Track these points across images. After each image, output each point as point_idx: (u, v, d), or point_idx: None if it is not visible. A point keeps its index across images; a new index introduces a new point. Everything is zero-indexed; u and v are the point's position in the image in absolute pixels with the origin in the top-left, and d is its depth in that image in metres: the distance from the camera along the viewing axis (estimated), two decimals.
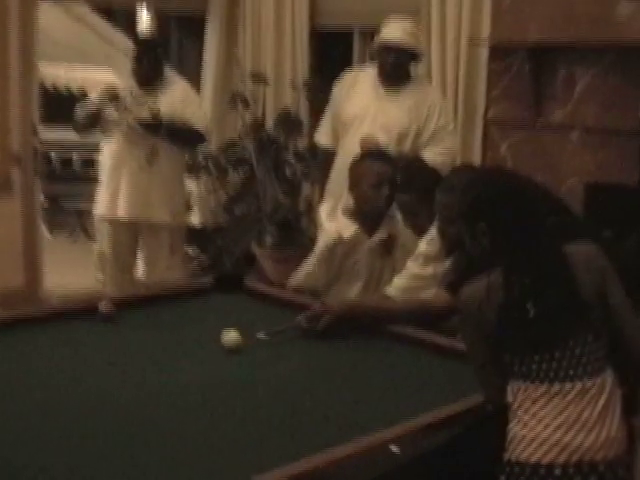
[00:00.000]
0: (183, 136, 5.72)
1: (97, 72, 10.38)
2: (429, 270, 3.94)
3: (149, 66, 5.66)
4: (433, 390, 3.15)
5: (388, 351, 3.55)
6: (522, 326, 2.74)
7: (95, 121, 5.65)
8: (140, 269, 6.02)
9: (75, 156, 10.46)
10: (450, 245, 3.48)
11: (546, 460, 2.66)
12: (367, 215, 4.45)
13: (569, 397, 2.70)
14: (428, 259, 3.95)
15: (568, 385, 2.71)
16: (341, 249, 4.44)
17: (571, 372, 2.71)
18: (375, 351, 3.56)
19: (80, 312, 3.83)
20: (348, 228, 4.44)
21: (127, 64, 5.89)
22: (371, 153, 4.61)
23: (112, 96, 5.50)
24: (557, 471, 2.65)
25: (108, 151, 5.77)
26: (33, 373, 3.23)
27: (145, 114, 5.52)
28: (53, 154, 10.29)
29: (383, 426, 2.71)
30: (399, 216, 4.37)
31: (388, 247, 4.43)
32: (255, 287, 4.36)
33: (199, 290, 4.31)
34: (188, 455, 2.58)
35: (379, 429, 2.69)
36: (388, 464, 2.56)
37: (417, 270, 3.97)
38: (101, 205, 5.84)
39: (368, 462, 2.55)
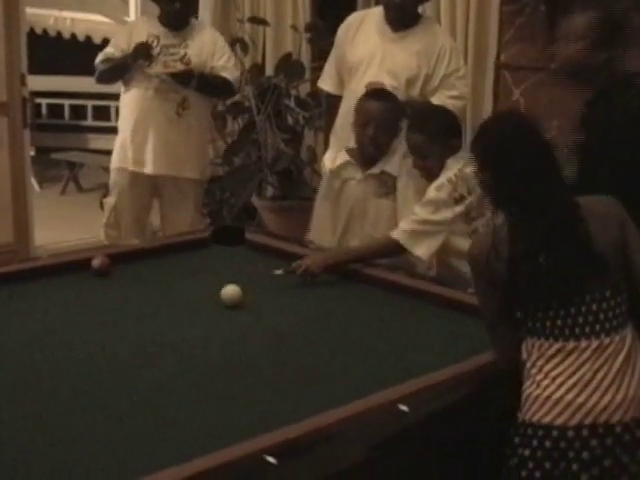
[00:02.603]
0: (214, 87, 5.49)
1: (91, 16, 10.16)
2: (438, 216, 3.91)
3: (177, 12, 5.36)
4: (438, 346, 3.14)
5: (388, 304, 3.55)
6: (533, 280, 2.67)
7: (122, 74, 5.38)
8: (157, 224, 5.81)
9: (66, 105, 10.22)
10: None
11: (559, 421, 2.60)
12: (360, 154, 4.41)
13: (585, 355, 2.64)
14: (438, 205, 3.91)
15: (584, 342, 2.64)
16: (337, 183, 4.45)
17: (587, 329, 2.65)
18: (378, 304, 3.56)
19: (74, 267, 3.78)
20: (339, 158, 4.47)
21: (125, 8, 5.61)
22: (371, 91, 4.50)
23: (144, 53, 5.22)
24: (570, 433, 2.59)
25: (132, 102, 5.47)
26: (24, 331, 3.19)
27: (176, 63, 5.28)
28: (43, 103, 10.06)
29: (386, 386, 2.67)
30: (398, 158, 4.34)
31: (383, 184, 4.35)
32: (256, 239, 4.28)
33: (198, 243, 4.23)
34: (181, 414, 2.57)
35: (384, 388, 2.65)
36: (395, 425, 2.52)
37: (426, 216, 3.91)
38: (122, 158, 5.54)
39: (374, 422, 2.50)
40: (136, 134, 5.44)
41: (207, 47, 5.42)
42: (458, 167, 3.92)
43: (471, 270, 2.87)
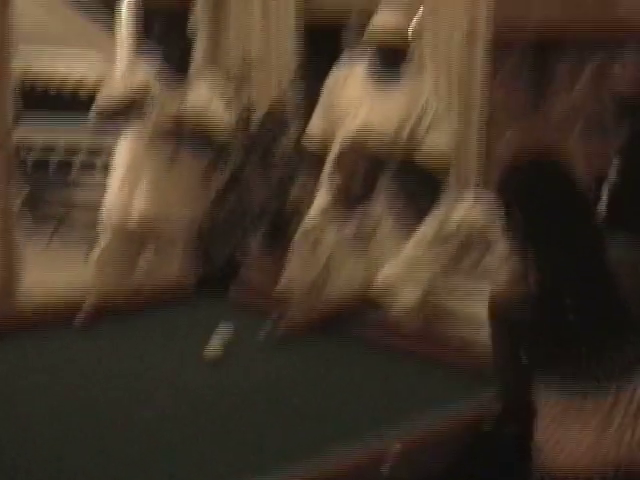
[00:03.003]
0: (207, 139, 5.45)
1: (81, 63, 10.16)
2: (422, 255, 3.95)
3: (182, 49, 5.36)
4: (416, 404, 3.10)
5: (368, 362, 3.55)
6: (559, 326, 2.61)
7: (116, 123, 5.38)
8: (143, 274, 5.73)
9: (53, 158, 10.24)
10: None
11: (580, 469, 2.59)
12: (345, 189, 4.38)
13: (603, 409, 2.59)
14: (423, 245, 3.95)
15: (602, 397, 2.59)
16: (312, 235, 4.46)
17: (605, 383, 2.60)
18: (357, 361, 3.57)
19: (59, 320, 3.77)
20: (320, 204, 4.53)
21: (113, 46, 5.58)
22: (347, 146, 4.55)
23: (138, 104, 5.20)
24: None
25: (125, 152, 5.47)
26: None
27: (170, 113, 5.25)
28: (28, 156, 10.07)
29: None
30: (376, 212, 4.33)
31: (361, 239, 4.34)
32: (239, 294, 4.29)
33: (181, 298, 4.22)
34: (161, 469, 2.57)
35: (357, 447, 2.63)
36: None
37: (414, 253, 3.94)
38: (111, 209, 5.53)
39: None
40: (125, 183, 5.43)
41: (203, 97, 5.41)
42: (443, 210, 3.97)
43: (492, 324, 2.79)
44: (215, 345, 3.43)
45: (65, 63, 10.23)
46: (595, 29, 5.30)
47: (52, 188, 10.09)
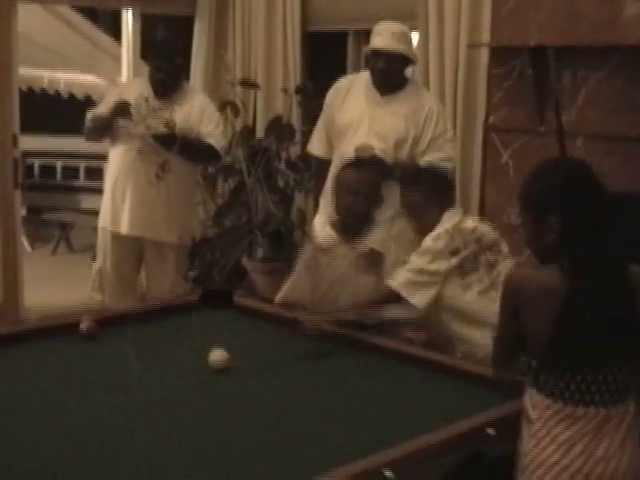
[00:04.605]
0: (197, 153, 5.47)
1: (83, 76, 10.20)
2: (433, 266, 3.94)
3: (167, 77, 5.39)
4: (426, 412, 3.10)
5: (377, 369, 3.54)
6: (577, 338, 2.60)
7: (105, 132, 5.40)
8: (143, 286, 5.79)
9: (58, 165, 10.23)
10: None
11: None
12: (341, 224, 4.38)
13: (592, 423, 2.61)
14: (434, 255, 3.94)
15: (593, 411, 2.61)
16: (324, 259, 4.37)
17: (598, 397, 2.62)
18: (366, 369, 3.56)
19: (61, 330, 3.75)
20: (324, 234, 4.42)
21: (117, 69, 5.62)
22: (348, 162, 4.50)
23: (123, 111, 5.22)
24: None
25: (116, 160, 5.51)
26: (7, 395, 3.15)
27: (160, 126, 5.30)
28: (35, 163, 10.07)
29: (370, 452, 2.61)
30: (383, 233, 4.35)
31: (371, 262, 4.29)
32: (244, 303, 4.27)
33: (186, 306, 4.20)
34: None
35: (368, 453, 2.59)
36: None
37: (422, 265, 3.94)
38: (104, 218, 5.58)
39: None
40: (116, 193, 5.46)
41: (195, 113, 5.43)
42: (454, 221, 3.97)
43: (505, 295, 2.76)
44: (219, 353, 3.43)
45: (68, 79, 10.30)
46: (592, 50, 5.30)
47: (58, 194, 10.11)
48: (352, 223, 4.31)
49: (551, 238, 2.64)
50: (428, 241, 3.97)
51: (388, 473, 2.49)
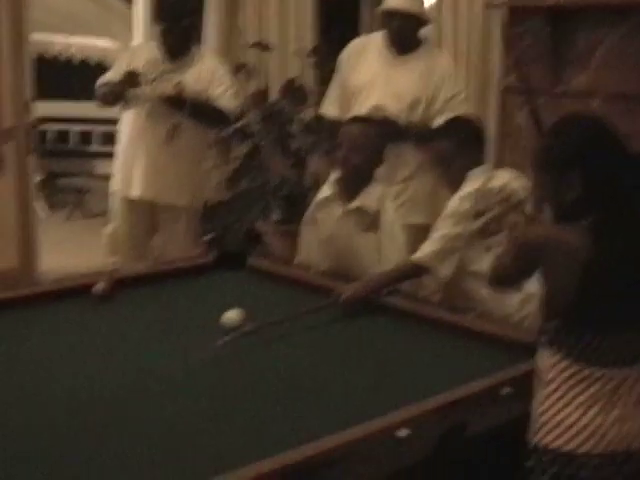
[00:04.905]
0: (208, 115, 5.41)
1: (97, 41, 10.20)
2: (458, 229, 3.88)
3: (177, 39, 5.36)
4: (442, 371, 3.11)
5: (394, 331, 3.53)
6: (600, 300, 2.54)
7: (117, 99, 5.35)
8: (156, 250, 5.74)
9: (72, 131, 10.23)
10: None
11: (582, 450, 2.55)
12: (340, 179, 4.35)
13: (610, 385, 2.58)
14: (459, 217, 3.88)
15: (611, 372, 2.59)
16: (320, 215, 4.38)
17: (619, 358, 2.58)
18: (382, 330, 3.55)
19: (76, 291, 3.75)
20: (326, 190, 4.41)
21: (129, 33, 5.58)
22: (352, 117, 4.52)
23: (132, 81, 5.18)
24: (594, 461, 2.55)
25: (127, 124, 5.48)
26: (24, 357, 3.16)
27: (170, 88, 5.24)
28: (49, 129, 10.07)
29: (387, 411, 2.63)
30: (378, 191, 4.27)
31: (362, 220, 4.24)
32: (259, 265, 4.27)
33: (201, 268, 4.21)
34: (180, 440, 2.54)
35: (386, 413, 2.61)
36: (398, 449, 2.48)
37: (447, 230, 3.89)
38: (116, 182, 5.56)
39: (376, 446, 2.46)
40: (127, 157, 5.44)
41: (206, 75, 5.38)
42: (481, 181, 3.91)
43: (520, 248, 2.73)
44: (233, 313, 3.42)
45: (81, 44, 10.30)
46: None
47: (72, 160, 10.13)
48: (350, 178, 4.26)
49: (571, 196, 2.57)
50: (454, 201, 3.94)
51: (402, 432, 2.48)
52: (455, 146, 4.00)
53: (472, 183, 3.92)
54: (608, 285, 2.53)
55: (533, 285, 2.87)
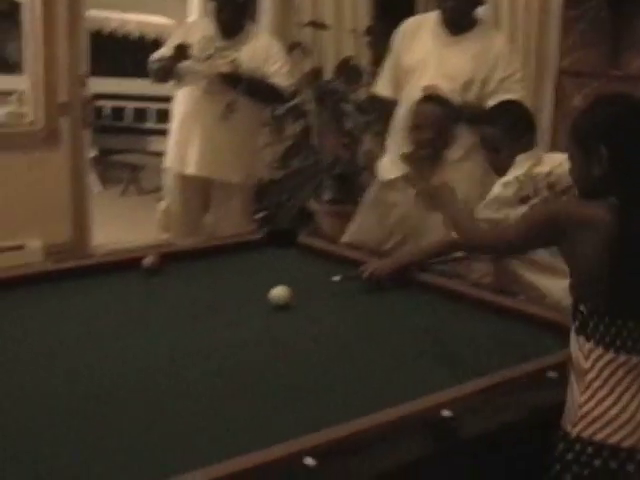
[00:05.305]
0: (263, 93, 5.43)
1: (153, 18, 10.24)
2: (500, 215, 3.79)
3: (231, 16, 5.38)
4: (486, 353, 3.07)
5: (441, 311, 3.50)
6: (629, 282, 2.49)
7: (167, 75, 5.39)
8: (208, 227, 5.77)
9: (128, 107, 10.30)
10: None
11: (627, 443, 2.49)
12: (416, 159, 4.35)
13: None
14: (502, 203, 3.81)
15: None
16: (390, 196, 4.36)
17: None
18: (430, 311, 3.52)
19: (125, 265, 3.78)
20: (395, 170, 4.38)
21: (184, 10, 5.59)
22: (427, 95, 4.48)
23: (182, 54, 5.21)
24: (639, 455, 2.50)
25: (182, 101, 5.51)
26: (69, 329, 3.18)
27: (226, 65, 5.27)
28: (105, 105, 10.14)
29: (429, 391, 2.63)
30: (450, 173, 4.28)
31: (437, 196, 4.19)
32: (309, 242, 4.27)
33: (251, 244, 4.22)
34: (223, 413, 2.56)
35: (428, 393, 2.61)
36: (439, 430, 2.46)
37: (489, 214, 3.80)
38: (171, 158, 5.60)
39: (417, 426, 2.45)
40: (182, 134, 5.47)
41: (260, 53, 5.40)
42: (528, 165, 3.86)
43: (544, 221, 2.67)
44: (281, 290, 3.42)
45: (138, 20, 10.35)
46: None
47: (127, 136, 10.20)
48: (423, 158, 4.28)
49: (599, 171, 2.52)
50: (497, 187, 3.89)
51: (446, 412, 2.47)
52: (502, 132, 3.95)
53: (518, 168, 3.85)
54: (636, 265, 2.48)
55: None
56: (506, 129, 3.94)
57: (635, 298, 2.50)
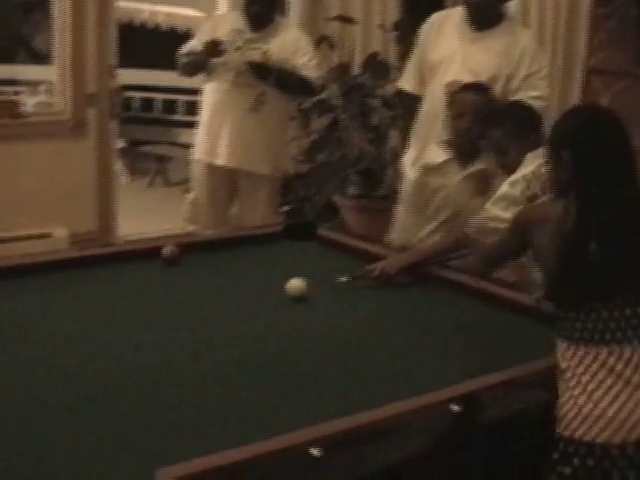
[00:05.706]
0: (292, 85, 5.45)
1: (183, 9, 10.26)
2: (508, 214, 3.71)
3: (260, 8, 5.39)
4: (497, 349, 3.10)
5: (456, 307, 3.51)
6: (581, 268, 2.57)
7: (197, 69, 5.43)
8: (234, 218, 5.79)
9: (157, 99, 10.33)
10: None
11: (601, 439, 2.52)
12: (456, 146, 4.39)
13: (619, 366, 2.55)
14: (510, 202, 3.78)
15: (617, 350, 2.56)
16: (434, 180, 4.38)
17: (620, 334, 2.56)
18: (445, 306, 3.53)
19: (145, 254, 3.81)
20: (439, 155, 4.42)
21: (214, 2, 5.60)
22: (468, 84, 4.48)
23: (214, 52, 5.24)
24: (614, 451, 2.51)
25: (211, 93, 5.55)
26: (86, 316, 3.23)
27: (256, 56, 5.29)
28: (134, 97, 10.18)
29: (441, 386, 2.64)
30: (491, 159, 4.25)
31: (481, 183, 4.31)
32: (328, 235, 4.26)
33: (271, 236, 4.23)
34: (234, 403, 2.58)
35: (439, 388, 2.62)
36: (447, 424, 2.50)
37: (496, 212, 3.80)
38: (200, 149, 5.63)
39: (426, 420, 2.48)
40: (212, 126, 5.49)
41: (289, 45, 5.42)
42: (536, 164, 3.85)
43: (512, 226, 2.93)
44: (298, 282, 3.43)
45: (167, 13, 10.39)
46: None
47: (156, 127, 10.24)
48: (467, 146, 4.31)
49: (565, 175, 2.68)
50: (505, 186, 3.87)
51: (455, 406, 2.47)
52: (508, 133, 3.95)
53: (526, 167, 3.83)
54: (588, 258, 2.55)
55: None
56: (511, 130, 3.96)
57: (589, 289, 2.57)
